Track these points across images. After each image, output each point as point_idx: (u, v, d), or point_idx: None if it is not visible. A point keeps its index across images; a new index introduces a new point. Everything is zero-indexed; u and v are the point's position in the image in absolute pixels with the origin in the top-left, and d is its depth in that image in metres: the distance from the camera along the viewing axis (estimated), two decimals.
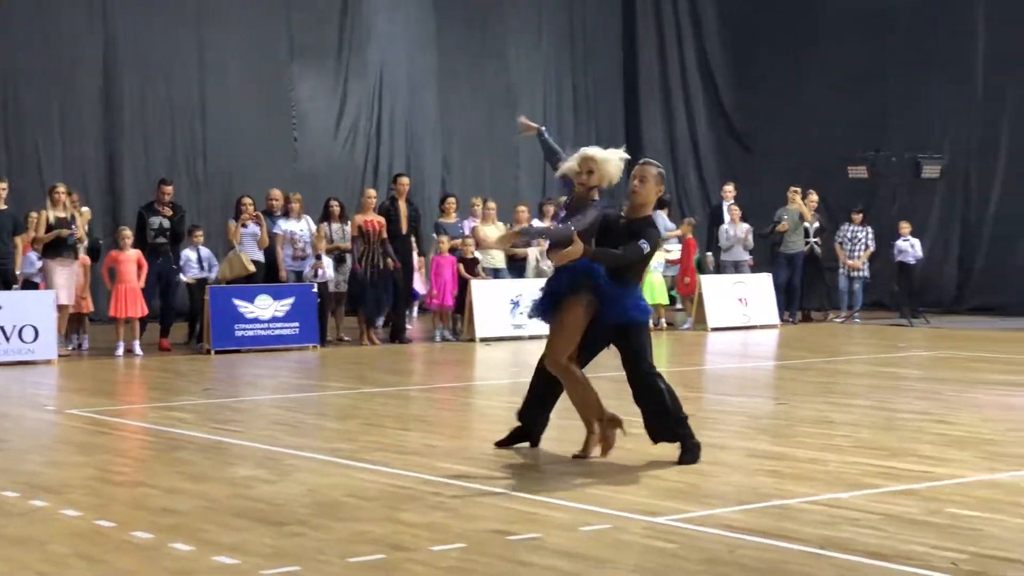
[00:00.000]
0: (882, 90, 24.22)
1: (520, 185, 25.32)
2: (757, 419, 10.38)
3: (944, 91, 23.39)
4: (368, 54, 24.01)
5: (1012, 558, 5.60)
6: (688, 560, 5.63)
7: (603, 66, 26.96)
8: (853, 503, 6.78)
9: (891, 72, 24.17)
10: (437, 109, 24.69)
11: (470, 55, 25.07)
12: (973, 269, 23.36)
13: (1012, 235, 22.66)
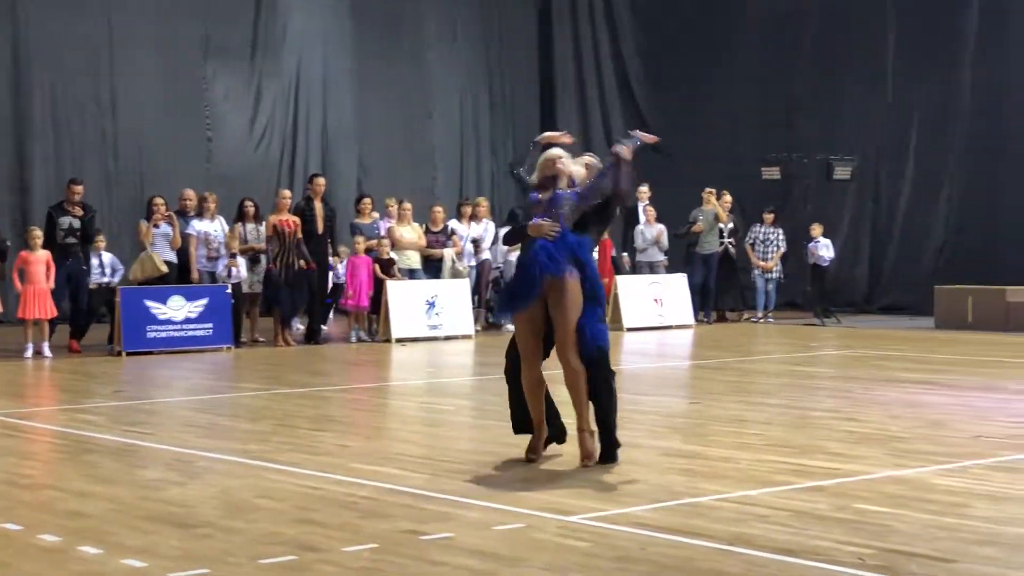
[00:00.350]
0: (794, 92, 24.49)
1: (437, 186, 25.29)
2: (671, 418, 10.45)
3: (855, 93, 23.70)
4: (283, 54, 23.85)
5: (917, 552, 5.68)
6: (601, 558, 5.65)
7: (519, 68, 27.00)
8: (763, 500, 6.84)
9: (803, 74, 24.45)
10: (353, 110, 24.59)
11: (386, 56, 24.99)
12: (883, 269, 23.69)
13: (921, 236, 23.01)
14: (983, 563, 5.51)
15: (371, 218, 18.96)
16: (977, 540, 5.90)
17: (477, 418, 10.68)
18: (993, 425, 9.58)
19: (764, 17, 24.91)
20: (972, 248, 22.19)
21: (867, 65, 23.52)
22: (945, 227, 22.79)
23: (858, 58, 23.61)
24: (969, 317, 19.55)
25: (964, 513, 6.48)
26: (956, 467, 7.82)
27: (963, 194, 22.51)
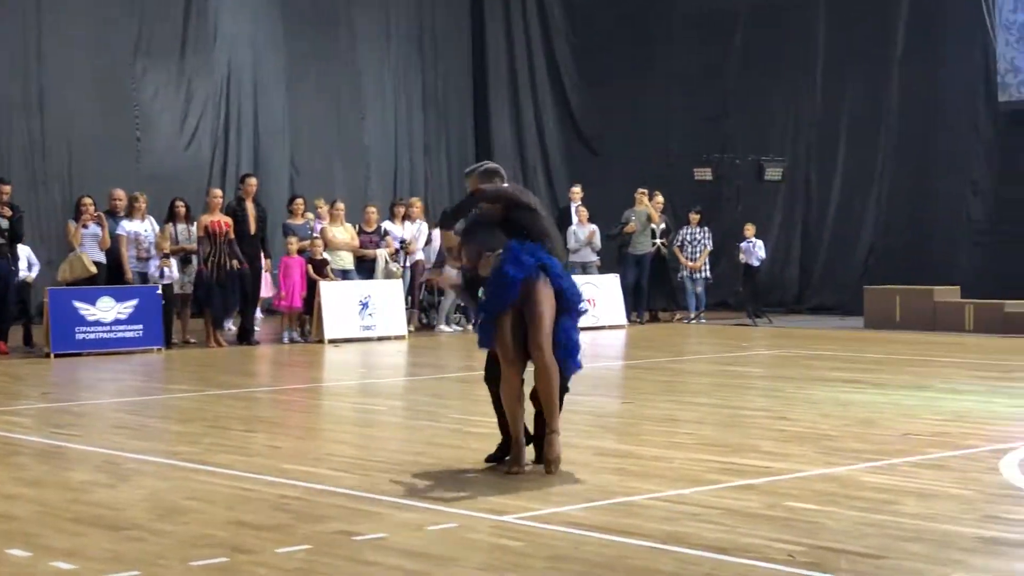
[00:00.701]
0: (725, 93, 24.68)
1: (370, 186, 25.22)
2: (604, 418, 10.49)
3: (785, 94, 23.92)
4: (214, 54, 23.67)
5: (846, 549, 5.74)
6: (534, 557, 5.66)
7: (452, 67, 26.99)
8: (695, 499, 6.88)
9: (734, 75, 24.64)
10: (285, 109, 24.46)
11: (318, 55, 24.89)
12: (813, 270, 23.91)
13: (850, 236, 23.25)
14: (910, 559, 5.57)
15: (304, 219, 18.87)
16: (905, 536, 5.97)
17: (410, 419, 10.66)
18: (920, 423, 9.69)
19: (696, 17, 25.07)
20: (900, 248, 22.46)
21: (797, 66, 23.74)
22: (874, 228, 23.03)
23: (788, 59, 23.81)
24: (897, 317, 19.78)
25: (892, 510, 6.56)
26: (885, 465, 7.91)
27: (892, 195, 22.76)
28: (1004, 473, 7.56)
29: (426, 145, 26.47)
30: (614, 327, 20.14)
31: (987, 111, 21.75)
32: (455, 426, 9.80)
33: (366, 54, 25.58)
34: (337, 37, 25.26)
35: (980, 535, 6.02)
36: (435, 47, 26.70)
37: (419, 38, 26.47)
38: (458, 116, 26.99)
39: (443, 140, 26.71)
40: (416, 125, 26.30)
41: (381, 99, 25.75)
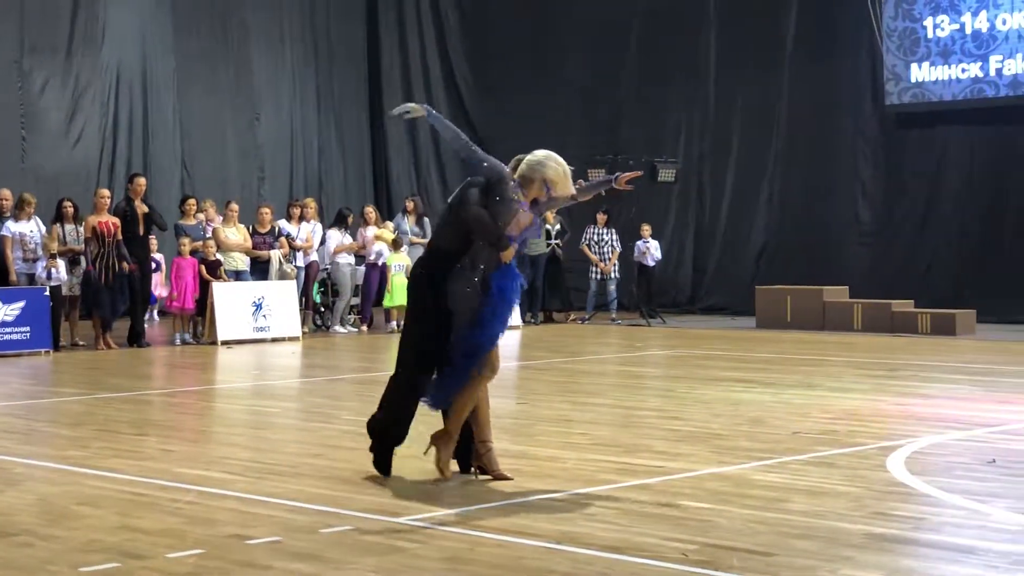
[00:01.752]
0: (619, 95, 24.86)
1: (264, 187, 25.02)
2: (498, 419, 10.41)
3: (678, 96, 24.15)
4: (103, 53, 23.29)
5: (738, 547, 5.82)
6: (429, 559, 5.66)
7: (348, 68, 26.87)
8: (590, 499, 6.93)
9: (627, 77, 24.83)
10: (176, 109, 24.16)
11: (210, 56, 24.64)
12: (706, 270, 24.17)
13: (742, 237, 23.55)
14: (800, 556, 5.66)
15: (196, 219, 18.67)
16: (794, 534, 6.06)
17: (304, 420, 10.60)
18: (810, 421, 9.85)
19: (591, 23, 25.22)
20: (791, 249, 22.80)
21: (689, 69, 23.99)
22: (766, 229, 23.35)
23: (681, 62, 24.05)
24: (788, 317, 20.07)
25: (782, 508, 6.66)
26: (775, 463, 8.02)
27: (783, 197, 23.10)
28: (891, 470, 7.71)
29: (320, 146, 26.32)
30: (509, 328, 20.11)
31: (874, 114, 22.16)
32: (350, 428, 9.74)
33: (259, 53, 25.37)
34: (230, 37, 25.02)
35: (868, 531, 6.13)
36: (329, 48, 26.55)
37: (313, 39, 26.32)
38: (353, 117, 26.88)
39: (338, 141, 26.58)
40: (311, 126, 26.14)
41: (275, 99, 25.55)
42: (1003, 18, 20.43)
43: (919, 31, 21.26)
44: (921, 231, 21.65)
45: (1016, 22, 20.33)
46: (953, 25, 20.92)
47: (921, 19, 21.24)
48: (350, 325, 19.85)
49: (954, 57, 20.90)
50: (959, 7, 20.89)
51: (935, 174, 21.57)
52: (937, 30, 21.05)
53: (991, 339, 17.80)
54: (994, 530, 6.19)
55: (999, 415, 10.15)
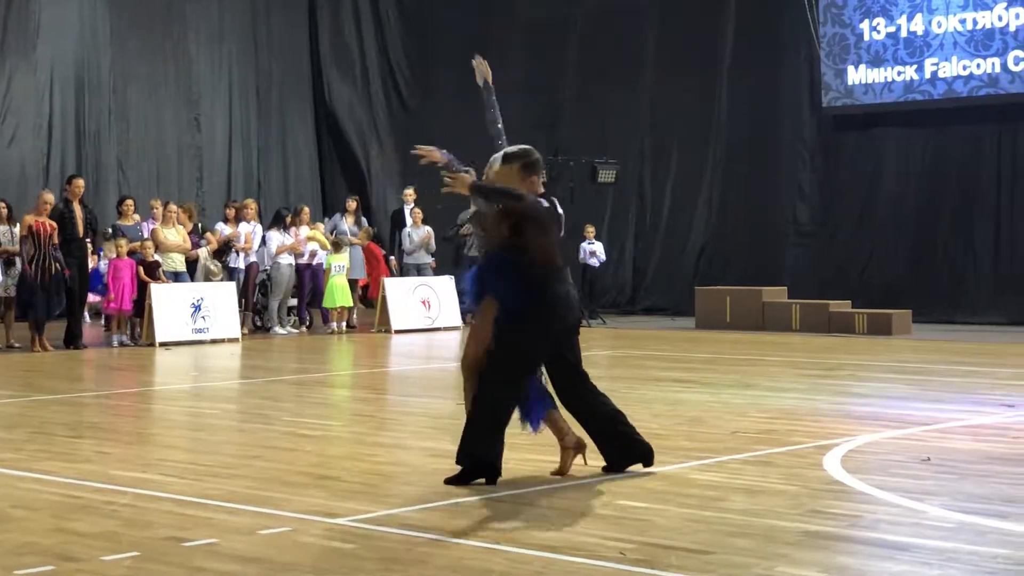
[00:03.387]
0: (560, 96, 24.91)
1: (203, 187, 24.86)
2: (438, 419, 10.48)
3: (618, 98, 24.23)
4: (37, 51, 23.05)
5: (676, 546, 5.84)
6: (367, 560, 5.64)
7: (288, 68, 26.74)
8: (529, 499, 6.93)
9: (568, 78, 24.89)
10: (113, 109, 23.96)
11: (148, 54, 24.46)
12: (647, 271, 24.27)
13: (682, 238, 23.67)
14: (737, 554, 5.69)
15: (133, 220, 18.52)
16: (732, 532, 6.10)
17: (243, 422, 10.54)
18: (748, 421, 9.91)
19: (530, 22, 25.26)
20: (731, 250, 22.95)
21: (630, 70, 24.08)
22: (705, 230, 23.48)
23: (621, 63, 24.14)
24: (727, 317, 20.20)
25: (720, 506, 6.69)
26: (713, 462, 8.06)
27: (723, 198, 23.24)
28: (827, 469, 7.77)
29: (260, 146, 26.18)
30: (449, 329, 20.18)
31: (812, 117, 22.34)
32: (289, 429, 9.71)
33: (198, 51, 25.20)
34: (168, 34, 24.84)
35: (804, 529, 6.17)
36: (270, 46, 26.41)
37: (254, 37, 26.17)
38: (294, 116, 26.74)
39: (279, 141, 26.44)
40: (250, 124, 25.99)
41: (214, 97, 25.39)
42: (938, 21, 20.67)
43: (855, 35, 21.47)
44: (858, 232, 21.86)
45: (951, 25, 20.56)
46: (889, 28, 21.14)
47: (857, 23, 21.44)
48: (290, 326, 19.76)
49: (890, 60, 21.11)
50: (891, 11, 21.10)
51: (872, 176, 21.78)
52: (873, 33, 21.26)
53: (926, 339, 17.99)
54: (928, 527, 6.25)
55: (934, 414, 10.26)
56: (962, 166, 20.82)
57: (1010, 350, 16.27)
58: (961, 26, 20.52)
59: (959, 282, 20.72)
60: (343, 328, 19.77)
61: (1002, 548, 5.81)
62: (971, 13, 20.43)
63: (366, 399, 12.48)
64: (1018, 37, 20.00)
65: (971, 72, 20.44)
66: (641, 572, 5.43)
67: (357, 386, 13.71)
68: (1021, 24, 19.99)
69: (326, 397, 12.56)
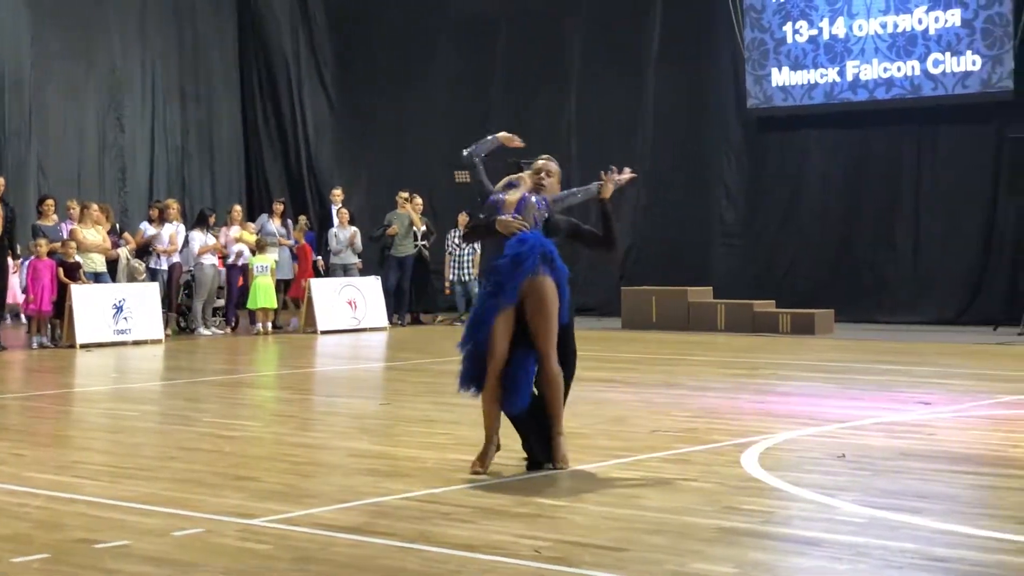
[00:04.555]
0: (487, 96, 24.91)
1: (125, 187, 24.62)
2: (361, 419, 10.47)
3: (546, 99, 24.26)
4: None
5: (591, 543, 5.86)
6: (280, 560, 5.61)
7: (215, 66, 26.52)
8: (447, 498, 6.93)
9: (494, 79, 24.89)
10: (33, 108, 23.64)
11: (69, 54, 24.16)
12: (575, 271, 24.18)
13: None
14: (651, 551, 5.72)
15: (53, 220, 18.31)
16: (647, 529, 6.13)
17: (163, 423, 10.45)
18: (669, 419, 9.97)
19: (457, 23, 25.24)
20: (657, 251, 23.05)
21: (558, 71, 24.12)
22: (632, 230, 23.55)
23: (548, 63, 24.17)
24: (653, 317, 20.29)
25: (637, 504, 6.72)
26: (632, 461, 8.10)
27: (649, 199, 23.32)
28: (744, 466, 7.83)
29: (185, 146, 25.96)
30: (375, 329, 20.13)
31: (737, 118, 22.50)
32: (209, 430, 9.64)
33: (122, 50, 24.94)
34: (90, 33, 24.56)
35: (718, 526, 6.22)
36: (196, 44, 26.19)
37: (179, 36, 25.94)
38: (223, 116, 26.53)
39: (205, 141, 26.23)
40: (174, 124, 25.75)
41: (137, 96, 25.14)
42: (859, 24, 20.89)
43: (775, 40, 21.64)
44: (782, 233, 22.05)
45: (872, 29, 20.79)
46: (811, 31, 21.33)
47: (777, 27, 21.62)
48: (215, 327, 19.62)
49: (812, 63, 21.31)
50: (812, 15, 21.30)
51: (795, 177, 21.98)
52: (796, 36, 21.45)
53: (848, 338, 18.18)
54: (840, 522, 6.32)
55: (851, 411, 10.37)
56: (883, 168, 21.05)
57: (928, 349, 16.49)
58: (882, 29, 20.75)
59: (880, 282, 20.95)
60: (268, 329, 19.66)
61: (912, 543, 5.89)
62: (892, 17, 20.68)
63: (289, 400, 12.42)
64: (938, 41, 20.25)
65: (892, 75, 20.68)
66: (555, 570, 5.44)
67: (280, 387, 13.63)
68: (941, 28, 20.26)
69: (248, 398, 12.49)
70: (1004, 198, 19.82)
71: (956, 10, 20.05)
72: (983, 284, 20.22)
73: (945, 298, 20.40)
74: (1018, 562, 5.54)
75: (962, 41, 19.99)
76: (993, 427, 9.68)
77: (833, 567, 5.50)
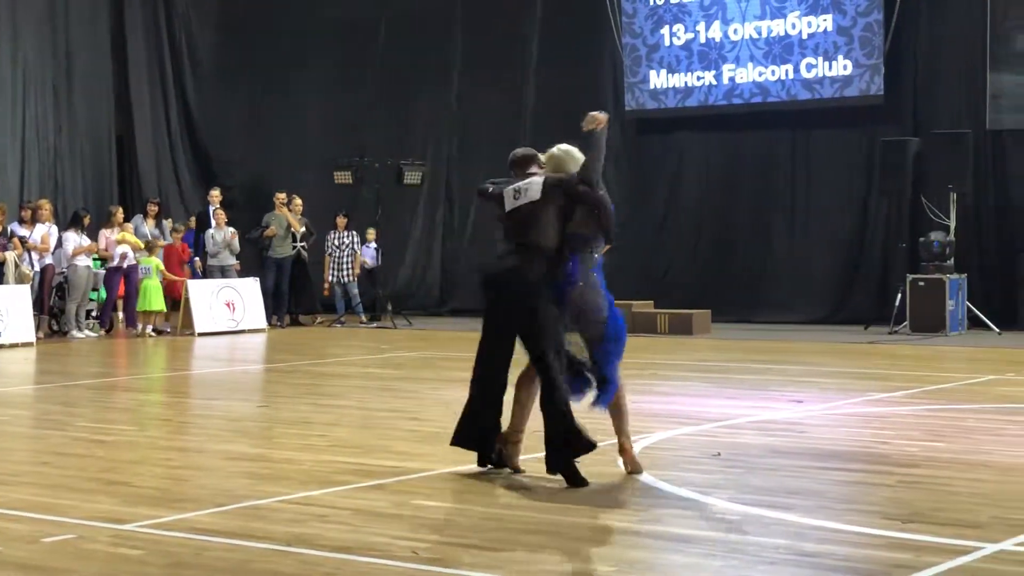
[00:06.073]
0: (366, 97, 24.78)
1: None
2: (238, 422, 10.35)
3: (425, 99, 24.21)
4: None
5: (469, 544, 5.87)
6: (153, 565, 5.54)
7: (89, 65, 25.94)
8: (324, 500, 6.89)
9: (374, 79, 24.78)
10: None
11: None
12: (455, 273, 24.31)
13: (489, 240, 23.66)
14: (529, 549, 5.75)
15: None
16: (525, 529, 6.16)
17: (35, 428, 10.25)
18: None
19: (334, 21, 25.08)
20: None
21: (437, 71, 24.07)
22: None
23: (428, 64, 24.12)
24: None
25: (516, 505, 6.76)
26: None
27: None
28: (622, 466, 7.88)
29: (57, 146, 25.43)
30: (254, 331, 19.93)
31: (616, 120, 22.63)
32: (82, 434, 9.47)
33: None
34: None
35: (595, 524, 6.27)
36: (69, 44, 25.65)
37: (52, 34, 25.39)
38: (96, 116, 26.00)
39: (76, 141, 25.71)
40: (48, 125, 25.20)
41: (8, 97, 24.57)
42: (735, 28, 21.19)
43: (652, 43, 21.85)
44: (661, 234, 22.27)
45: (746, 32, 21.09)
46: (688, 35, 21.58)
47: (654, 30, 21.84)
48: (88, 329, 19.28)
49: (688, 67, 21.55)
50: (687, 19, 21.54)
51: (673, 179, 22.22)
52: (674, 39, 21.68)
53: (725, 338, 18.42)
54: (715, 519, 6.41)
55: (727, 410, 10.50)
56: (759, 170, 21.37)
57: (802, 348, 16.78)
58: (756, 34, 21.06)
59: (757, 283, 21.25)
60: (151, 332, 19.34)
61: (784, 539, 5.99)
62: (766, 21, 21.00)
63: (165, 403, 12.25)
64: (813, 47, 20.60)
65: (766, 79, 21.01)
66: (432, 571, 5.44)
67: (156, 390, 13.44)
68: (813, 32, 20.62)
69: (123, 402, 12.27)
70: (875, 200, 20.26)
71: (828, 16, 20.43)
72: (855, 284, 20.64)
73: (819, 298, 20.78)
74: (884, 556, 5.67)
75: (835, 47, 20.37)
76: (863, 424, 9.89)
77: (708, 563, 5.58)
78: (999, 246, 19.60)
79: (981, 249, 19.61)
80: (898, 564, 5.48)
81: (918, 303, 18.33)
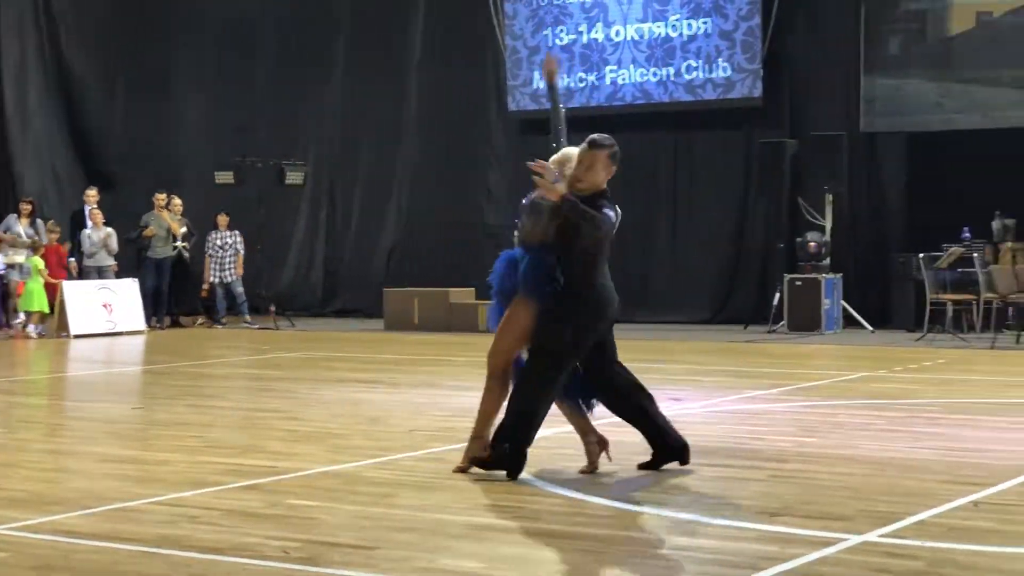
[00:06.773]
0: (250, 96, 24.54)
1: None
2: (111, 424, 10.19)
3: (308, 100, 24.05)
4: None
5: (341, 542, 5.84)
6: (20, 567, 5.43)
7: None
8: (195, 501, 6.81)
9: (258, 79, 24.56)
10: None
11: None
12: (338, 273, 24.18)
13: (373, 240, 23.68)
14: (401, 548, 5.74)
15: None
16: (398, 527, 6.14)
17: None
18: (427, 419, 10.01)
19: (218, 20, 24.82)
20: (420, 252, 23.09)
21: (320, 70, 23.91)
22: (395, 232, 23.57)
23: (311, 63, 23.96)
24: (416, 318, 20.34)
25: (389, 503, 6.73)
26: (388, 460, 8.10)
27: (412, 200, 23.35)
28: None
29: None
30: (133, 333, 19.63)
31: (499, 120, 22.73)
32: None
33: None
34: None
35: (469, 522, 6.27)
36: None
37: None
38: None
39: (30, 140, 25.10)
40: None
41: None
42: (616, 30, 21.35)
43: (533, 44, 21.93)
44: None
45: (628, 34, 21.27)
46: (570, 36, 21.70)
47: (535, 32, 21.92)
48: None
49: (570, 68, 21.66)
50: (568, 21, 21.66)
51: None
52: (556, 40, 21.78)
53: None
54: (589, 517, 6.45)
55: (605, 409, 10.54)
56: (641, 172, 21.50)
57: (682, 347, 16.97)
58: (638, 36, 21.25)
59: (640, 283, 21.40)
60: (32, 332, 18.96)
61: (655, 534, 6.05)
62: (648, 24, 21.18)
63: (36, 405, 12.03)
64: (695, 50, 20.82)
65: (648, 80, 21.20)
66: (303, 570, 5.41)
67: (28, 392, 13.18)
68: (694, 34, 20.85)
69: None
70: (754, 201, 20.56)
71: (709, 19, 20.68)
72: (736, 284, 20.90)
73: (701, 298, 21.01)
74: (752, 548, 5.75)
75: (717, 50, 20.62)
76: (739, 421, 10.02)
77: (581, 560, 5.62)
78: (873, 246, 19.99)
79: (856, 249, 19.99)
80: (765, 556, 5.56)
81: (795, 302, 18.64)
